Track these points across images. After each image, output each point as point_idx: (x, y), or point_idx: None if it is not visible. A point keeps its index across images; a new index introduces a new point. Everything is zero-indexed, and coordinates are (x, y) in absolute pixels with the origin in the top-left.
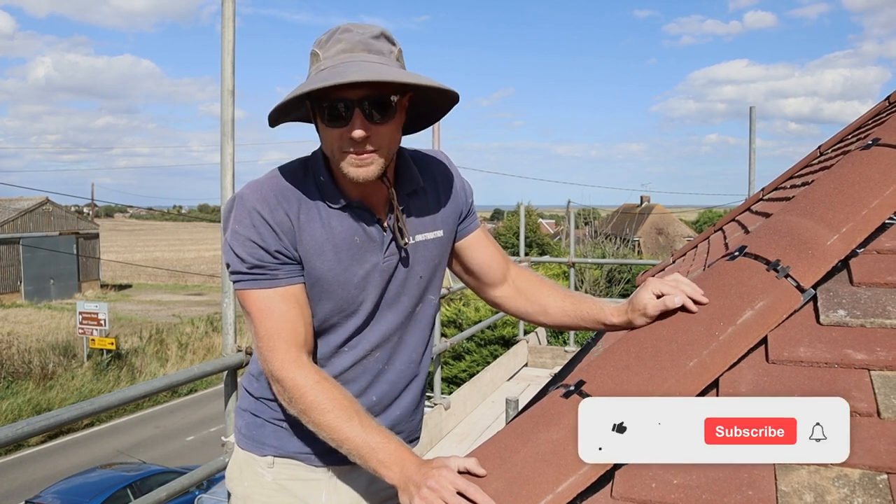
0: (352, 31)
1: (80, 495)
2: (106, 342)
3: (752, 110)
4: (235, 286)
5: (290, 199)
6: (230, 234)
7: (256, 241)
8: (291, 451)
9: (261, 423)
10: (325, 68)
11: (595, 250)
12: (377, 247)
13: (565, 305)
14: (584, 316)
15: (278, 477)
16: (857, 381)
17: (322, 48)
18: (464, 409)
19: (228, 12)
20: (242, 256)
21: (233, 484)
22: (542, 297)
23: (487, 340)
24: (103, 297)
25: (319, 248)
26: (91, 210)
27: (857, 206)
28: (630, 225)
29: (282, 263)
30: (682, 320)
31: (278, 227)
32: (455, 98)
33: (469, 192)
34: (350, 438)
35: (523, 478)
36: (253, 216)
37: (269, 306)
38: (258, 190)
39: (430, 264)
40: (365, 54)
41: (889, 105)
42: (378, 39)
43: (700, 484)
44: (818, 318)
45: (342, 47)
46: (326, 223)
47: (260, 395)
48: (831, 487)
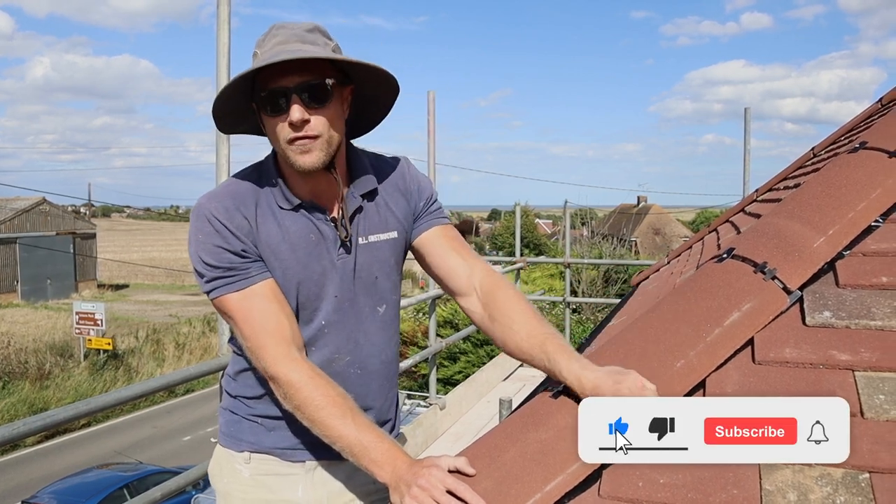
0: (286, 27)
1: (76, 495)
2: (103, 342)
3: (747, 111)
4: (212, 295)
5: (246, 203)
6: (195, 244)
7: (221, 245)
8: (267, 447)
9: (238, 420)
10: (260, 61)
11: (592, 250)
12: (331, 244)
13: (523, 346)
14: (538, 364)
15: (255, 472)
16: (842, 381)
17: (260, 46)
18: (459, 410)
19: (223, 15)
20: (211, 263)
21: (214, 480)
22: (505, 324)
23: (483, 341)
24: (100, 296)
25: (276, 248)
26: (88, 210)
27: (843, 209)
28: (627, 225)
29: (251, 261)
30: (670, 322)
31: (238, 231)
32: (395, 85)
33: (423, 193)
34: (343, 436)
35: (512, 477)
36: (213, 223)
37: (248, 305)
38: (214, 198)
39: (385, 265)
40: (298, 44)
41: (881, 107)
42: (312, 32)
43: (686, 483)
44: (804, 319)
45: (277, 41)
46: (281, 223)
47: (236, 394)
48: (814, 486)
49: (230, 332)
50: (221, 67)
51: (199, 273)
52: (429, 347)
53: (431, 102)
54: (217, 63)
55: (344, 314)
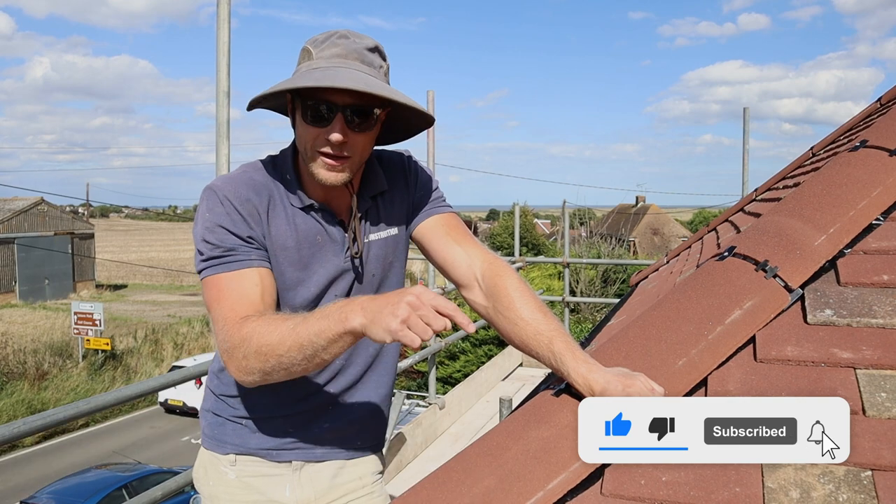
0: (349, 38)
1: (75, 496)
2: (101, 342)
3: (746, 111)
4: (204, 273)
5: (260, 193)
6: (202, 221)
7: (229, 227)
8: (253, 448)
9: (222, 422)
10: (317, 68)
11: (590, 250)
12: (338, 247)
13: (530, 344)
14: (544, 362)
15: (241, 474)
16: (844, 379)
17: (317, 47)
18: (458, 409)
19: (224, 13)
20: (214, 242)
21: (199, 484)
22: (510, 318)
23: (482, 340)
24: (98, 297)
25: (284, 244)
26: (86, 210)
27: (844, 207)
28: (625, 225)
29: (254, 248)
30: (672, 320)
31: (250, 218)
32: (430, 123)
33: (423, 184)
34: (299, 333)
35: (514, 475)
36: (225, 204)
37: (232, 285)
38: (230, 182)
39: (384, 262)
40: (358, 63)
41: (881, 107)
42: (372, 52)
43: (688, 481)
44: (805, 317)
45: (338, 52)
46: (291, 220)
47: (221, 393)
48: (817, 484)
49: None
50: (221, 66)
51: (199, 251)
52: (428, 347)
53: (431, 103)
54: (217, 61)
55: None
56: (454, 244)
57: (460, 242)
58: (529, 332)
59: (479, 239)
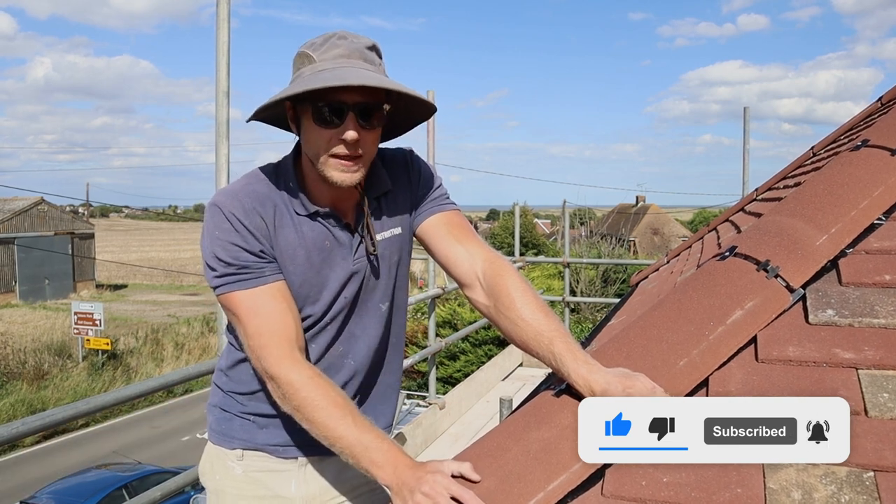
0: (348, 38)
1: (75, 496)
2: (101, 342)
3: (746, 111)
4: (220, 290)
5: (265, 204)
6: (210, 240)
7: (239, 244)
8: (260, 444)
9: (229, 418)
10: (324, 69)
11: (591, 250)
12: (347, 251)
13: (531, 345)
14: (546, 363)
15: (248, 469)
16: (845, 379)
17: (317, 50)
18: (458, 409)
19: (223, 13)
20: (226, 260)
21: (205, 479)
22: (512, 319)
23: (482, 340)
24: (98, 297)
25: (293, 253)
26: (86, 210)
27: (846, 207)
28: (626, 225)
29: (266, 262)
30: (673, 320)
31: (257, 231)
32: (432, 112)
33: (424, 181)
34: (343, 437)
35: (515, 476)
36: (233, 221)
37: (256, 304)
38: (234, 196)
39: (390, 261)
40: (361, 62)
41: (881, 106)
42: (371, 50)
43: (690, 482)
44: (807, 317)
45: (340, 52)
46: (298, 228)
47: (228, 390)
48: (819, 485)
49: (227, 322)
50: (221, 66)
51: (210, 267)
52: (428, 347)
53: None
54: (217, 61)
55: (349, 312)
56: (456, 243)
57: (462, 241)
58: (530, 332)
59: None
